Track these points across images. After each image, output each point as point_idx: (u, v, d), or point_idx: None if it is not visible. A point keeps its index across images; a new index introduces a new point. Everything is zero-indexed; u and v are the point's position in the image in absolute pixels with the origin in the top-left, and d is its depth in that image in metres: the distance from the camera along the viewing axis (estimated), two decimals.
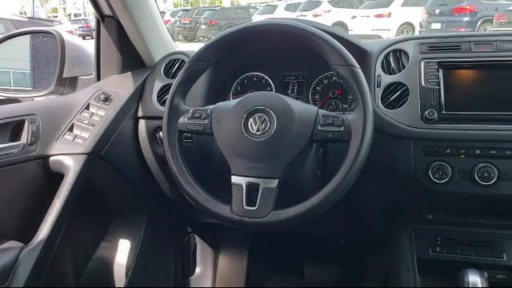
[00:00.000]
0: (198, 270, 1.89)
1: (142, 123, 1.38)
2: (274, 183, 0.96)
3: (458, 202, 1.16)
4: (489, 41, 1.12)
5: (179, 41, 14.75)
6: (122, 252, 1.51)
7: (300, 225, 0.97)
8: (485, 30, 9.55)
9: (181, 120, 1.06)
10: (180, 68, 1.29)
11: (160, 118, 1.10)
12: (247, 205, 0.97)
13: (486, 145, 1.05)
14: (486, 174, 1.05)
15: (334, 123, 0.97)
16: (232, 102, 1.06)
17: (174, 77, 1.34)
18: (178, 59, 1.40)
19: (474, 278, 1.03)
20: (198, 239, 1.89)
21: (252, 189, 0.97)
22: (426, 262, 1.19)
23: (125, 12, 1.34)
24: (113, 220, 1.54)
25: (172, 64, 1.41)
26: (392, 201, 1.23)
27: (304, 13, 13.65)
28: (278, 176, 0.97)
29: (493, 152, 1.05)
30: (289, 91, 1.36)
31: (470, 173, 1.06)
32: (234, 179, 0.99)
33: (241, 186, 0.97)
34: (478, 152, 1.06)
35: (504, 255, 1.14)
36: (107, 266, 1.50)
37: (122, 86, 1.40)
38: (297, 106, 1.01)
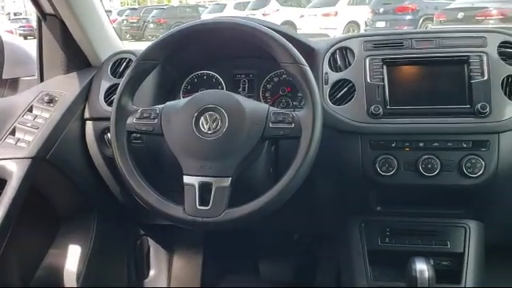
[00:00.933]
0: (152, 272, 1.86)
1: (89, 125, 1.34)
2: (227, 182, 0.96)
3: (405, 193, 1.20)
4: (429, 38, 1.17)
5: (127, 40, 14.42)
6: (72, 258, 1.46)
7: (255, 222, 0.98)
8: (426, 28, 9.97)
9: (129, 120, 1.04)
10: (127, 67, 1.26)
11: (108, 118, 1.07)
12: (200, 204, 0.96)
13: (428, 137, 1.10)
14: (429, 166, 1.09)
15: (285, 120, 0.98)
16: (182, 100, 1.05)
17: (121, 76, 1.31)
18: (125, 58, 1.37)
19: (421, 265, 1.08)
20: (151, 241, 1.86)
21: (205, 188, 0.97)
22: (376, 252, 1.23)
23: (67, 10, 1.30)
24: (62, 225, 1.49)
25: (119, 63, 1.37)
26: (342, 194, 1.26)
27: (253, 11, 13.71)
28: (231, 174, 0.97)
29: (435, 144, 1.10)
30: (240, 89, 1.36)
31: (415, 165, 1.10)
32: (186, 179, 0.98)
33: (193, 185, 0.97)
34: (421, 145, 1.11)
35: (448, 243, 1.20)
36: (56, 274, 1.45)
37: (67, 86, 1.35)
38: (248, 104, 1.02)
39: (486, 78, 1.09)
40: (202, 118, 1.00)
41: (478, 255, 1.18)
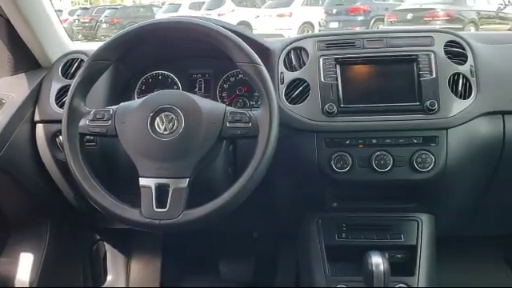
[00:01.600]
0: (109, 277, 1.82)
1: (39, 128, 1.29)
2: (185, 183, 0.96)
3: (359, 189, 1.23)
4: (380, 37, 1.20)
5: (79, 40, 14.00)
6: (24, 267, 1.40)
7: (214, 222, 0.98)
8: (377, 28, 10.26)
9: (82, 122, 1.01)
10: (79, 68, 1.23)
11: (59, 121, 1.04)
12: (157, 207, 0.95)
13: (381, 134, 1.13)
14: (382, 162, 1.13)
15: (242, 120, 0.98)
16: (137, 101, 1.04)
17: (72, 77, 1.27)
18: (77, 59, 1.33)
19: (376, 259, 1.11)
20: (107, 246, 1.82)
21: (162, 190, 0.96)
22: (333, 248, 1.25)
23: (14, 10, 1.25)
24: (12, 233, 1.43)
25: (70, 64, 1.33)
26: (299, 191, 1.27)
27: (209, 12, 13.64)
28: (189, 175, 0.96)
29: (387, 141, 1.13)
30: (196, 89, 1.36)
31: (368, 161, 1.13)
32: (143, 181, 0.97)
33: (150, 187, 0.95)
34: (374, 141, 1.14)
35: (402, 236, 1.24)
36: (7, 284, 1.39)
37: (15, 88, 1.30)
38: (204, 103, 1.01)
39: (433, 76, 1.13)
40: (158, 118, 0.98)
41: (430, 247, 1.23)
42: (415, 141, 1.13)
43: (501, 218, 1.41)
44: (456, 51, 1.17)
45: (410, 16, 10.51)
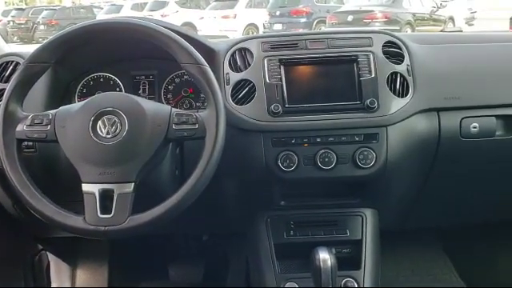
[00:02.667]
0: None
1: None
2: (130, 187, 0.94)
3: (306, 186, 1.26)
4: (321, 38, 1.23)
5: (15, 43, 13.37)
6: None
7: (162, 226, 0.96)
8: (320, 30, 10.50)
9: (19, 128, 0.97)
10: (14, 71, 1.17)
11: None
12: (102, 213, 0.92)
13: (324, 133, 1.16)
14: (326, 159, 1.15)
15: (188, 121, 0.97)
16: (77, 104, 1.00)
17: (7, 81, 1.21)
18: (12, 61, 1.27)
19: (323, 254, 1.13)
20: (51, 256, 1.74)
21: (106, 195, 0.93)
22: (282, 246, 1.26)
23: None
24: None
25: (5, 67, 1.27)
26: (248, 191, 1.28)
27: (151, 13, 13.44)
28: (134, 179, 0.94)
29: (331, 139, 1.16)
30: (140, 91, 1.33)
31: (314, 159, 1.16)
32: (86, 187, 0.94)
33: (93, 193, 0.93)
34: (318, 140, 1.16)
35: (347, 231, 1.27)
36: None
37: None
38: (149, 105, 1.00)
39: (373, 75, 1.17)
40: (100, 122, 0.96)
41: (374, 241, 1.27)
42: (357, 138, 1.16)
43: (439, 211, 1.48)
44: (393, 51, 1.22)
45: (350, 18, 10.87)
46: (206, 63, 1.00)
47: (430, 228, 1.63)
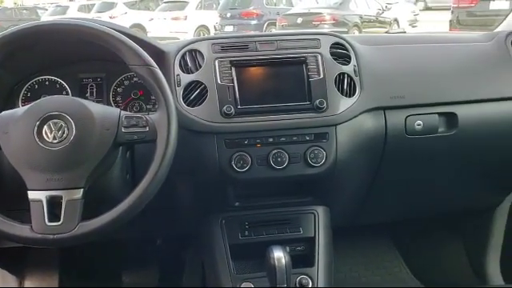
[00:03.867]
0: None
1: None
2: (79, 193, 0.91)
3: (260, 186, 1.27)
4: (271, 40, 1.24)
5: None
6: None
7: (114, 232, 0.94)
8: (270, 32, 10.60)
9: None
10: None
11: None
12: (50, 220, 0.89)
13: (276, 133, 1.17)
14: (279, 159, 1.17)
15: (139, 124, 0.96)
16: (21, 109, 0.96)
17: None
18: None
19: (278, 253, 1.14)
20: None
21: (54, 203, 0.90)
22: (237, 246, 1.27)
23: None
24: None
25: None
26: (202, 193, 1.28)
27: (99, 14, 13.12)
28: (83, 185, 0.92)
29: (283, 139, 1.18)
30: (87, 94, 1.29)
31: (266, 159, 1.17)
32: (32, 194, 0.90)
33: (40, 201, 0.89)
34: (271, 140, 1.18)
35: (301, 229, 1.29)
36: None
37: None
38: (97, 109, 0.97)
39: (321, 76, 1.20)
40: (46, 126, 0.92)
41: (327, 237, 1.30)
42: (308, 138, 1.19)
43: (388, 206, 1.53)
44: (340, 52, 1.25)
45: (299, 20, 11.05)
46: (155, 65, 0.99)
47: (380, 223, 1.68)
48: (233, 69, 1.19)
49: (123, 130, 0.95)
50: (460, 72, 1.34)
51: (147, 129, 0.96)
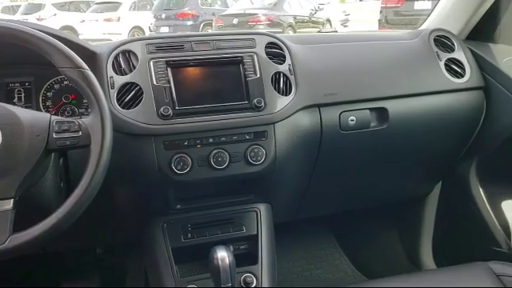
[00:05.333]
0: None
1: None
2: (9, 204, 0.86)
3: (201, 188, 1.26)
4: (206, 40, 1.24)
5: None
6: None
7: (48, 243, 0.90)
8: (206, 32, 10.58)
9: None
10: None
11: None
12: None
13: (216, 133, 1.17)
14: (220, 159, 1.17)
15: (71, 129, 0.92)
16: None
17: None
18: None
19: (221, 253, 1.14)
20: None
21: None
22: (180, 249, 1.25)
23: None
24: None
25: None
26: (141, 198, 1.25)
27: (26, 16, 12.48)
28: (13, 195, 0.87)
29: (223, 139, 1.18)
30: (15, 100, 1.23)
31: (207, 160, 1.17)
32: None
33: None
34: (211, 140, 1.17)
35: (244, 227, 1.30)
36: None
37: None
38: (25, 115, 0.92)
39: (258, 75, 1.21)
40: None
41: (269, 234, 1.32)
42: (247, 137, 1.20)
43: (327, 200, 1.58)
44: (275, 52, 1.28)
45: (235, 21, 11.10)
46: (86, 67, 0.95)
47: (320, 216, 1.73)
48: (169, 69, 1.17)
49: (55, 136, 0.91)
50: (388, 68, 1.41)
51: (80, 133, 0.92)
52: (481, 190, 1.56)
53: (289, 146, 1.24)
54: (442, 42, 1.49)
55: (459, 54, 1.47)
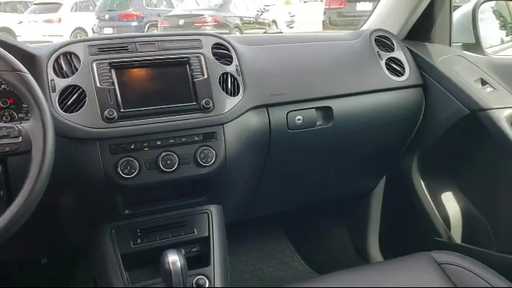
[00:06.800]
0: None
1: None
2: None
3: (151, 191, 1.24)
4: (151, 41, 1.22)
5: None
6: None
7: None
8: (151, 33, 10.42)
9: None
10: None
11: None
12: None
13: (164, 135, 1.16)
14: (168, 162, 1.15)
15: (10, 135, 0.89)
16: None
17: None
18: None
19: (172, 257, 1.13)
20: None
21: None
22: (130, 255, 1.23)
23: None
24: None
25: None
26: (87, 204, 1.22)
27: None
28: None
29: (171, 141, 1.16)
30: None
31: (155, 163, 1.15)
32: None
33: None
34: (159, 143, 1.15)
35: (195, 230, 1.29)
36: None
37: None
38: None
39: (205, 76, 1.21)
40: None
41: (221, 235, 1.31)
42: (197, 138, 1.19)
43: (277, 198, 1.60)
44: (222, 53, 1.28)
45: (181, 22, 11.01)
46: (24, 69, 0.92)
47: (271, 214, 1.75)
48: (113, 71, 1.15)
49: None
50: (332, 68, 1.44)
51: (20, 139, 0.89)
52: (422, 183, 1.63)
53: (239, 146, 1.24)
54: (383, 41, 1.55)
55: (399, 54, 1.54)
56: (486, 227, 1.55)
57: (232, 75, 1.26)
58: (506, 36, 2.25)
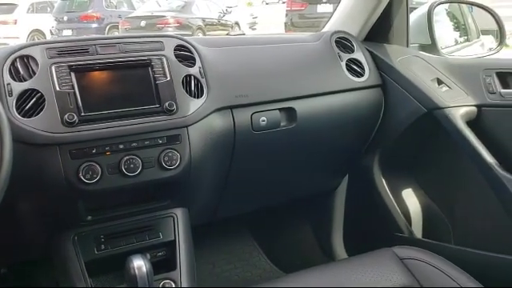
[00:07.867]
0: None
1: None
2: None
3: (114, 196, 1.21)
4: (112, 43, 1.20)
5: None
6: None
7: None
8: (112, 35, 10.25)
9: None
10: None
11: None
12: None
13: (126, 139, 1.14)
14: (131, 166, 1.13)
15: None
16: None
17: None
18: None
19: (137, 262, 1.11)
20: None
21: None
22: (94, 262, 1.20)
23: None
24: None
25: None
26: (48, 211, 1.18)
27: None
28: None
29: (134, 144, 1.15)
30: None
31: (118, 167, 1.13)
32: None
33: None
34: (121, 147, 1.13)
35: (160, 234, 1.27)
36: None
37: None
38: None
39: (168, 78, 1.20)
40: None
41: (187, 238, 1.31)
42: (160, 141, 1.17)
43: (243, 199, 1.60)
44: (185, 54, 1.27)
45: (143, 23, 10.86)
46: None
47: (238, 215, 1.75)
48: (72, 74, 1.12)
49: None
50: (294, 70, 1.46)
51: None
52: (383, 180, 1.68)
53: (203, 148, 1.24)
54: (343, 43, 1.58)
55: (358, 55, 1.57)
56: (444, 222, 1.60)
57: (195, 77, 1.25)
58: (460, 37, 2.34)
